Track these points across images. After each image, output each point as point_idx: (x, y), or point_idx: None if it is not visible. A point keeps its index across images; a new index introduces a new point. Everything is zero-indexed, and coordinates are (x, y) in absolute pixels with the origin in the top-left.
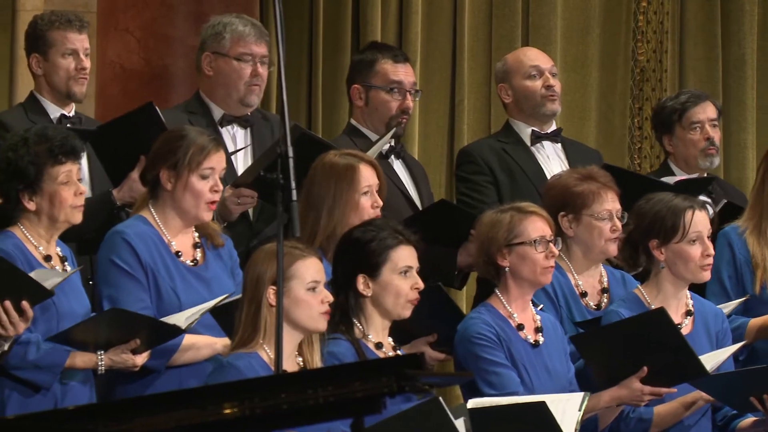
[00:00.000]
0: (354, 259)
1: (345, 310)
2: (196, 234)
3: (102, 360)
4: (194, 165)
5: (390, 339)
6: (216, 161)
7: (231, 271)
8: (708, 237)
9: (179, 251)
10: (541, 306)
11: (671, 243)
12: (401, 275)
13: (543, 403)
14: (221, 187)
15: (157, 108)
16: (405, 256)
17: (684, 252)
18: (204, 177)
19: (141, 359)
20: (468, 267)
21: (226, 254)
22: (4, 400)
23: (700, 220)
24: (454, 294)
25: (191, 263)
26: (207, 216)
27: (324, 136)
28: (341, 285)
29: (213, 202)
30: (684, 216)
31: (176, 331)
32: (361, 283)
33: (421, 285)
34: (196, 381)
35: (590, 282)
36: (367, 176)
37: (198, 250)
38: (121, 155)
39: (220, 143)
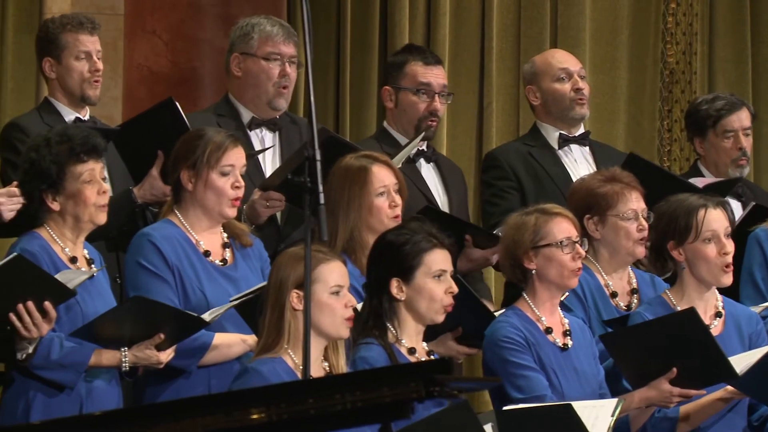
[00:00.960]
0: (387, 262)
1: (378, 314)
2: (225, 234)
3: (126, 356)
4: (213, 162)
5: (424, 344)
6: (235, 157)
7: (261, 271)
8: (727, 236)
9: (208, 250)
10: (566, 294)
11: (686, 243)
12: (435, 279)
13: (569, 405)
14: (243, 183)
15: (177, 103)
16: (439, 259)
17: (699, 251)
18: (224, 174)
19: (165, 356)
20: (467, 272)
21: (255, 254)
22: (28, 401)
23: (714, 219)
24: None
25: (220, 263)
26: (231, 213)
27: (351, 138)
28: (375, 289)
29: (237, 199)
30: (696, 215)
31: (200, 324)
32: (395, 286)
33: (455, 289)
34: (225, 382)
35: (619, 283)
36: (382, 177)
37: (227, 249)
38: (142, 153)
39: (237, 140)
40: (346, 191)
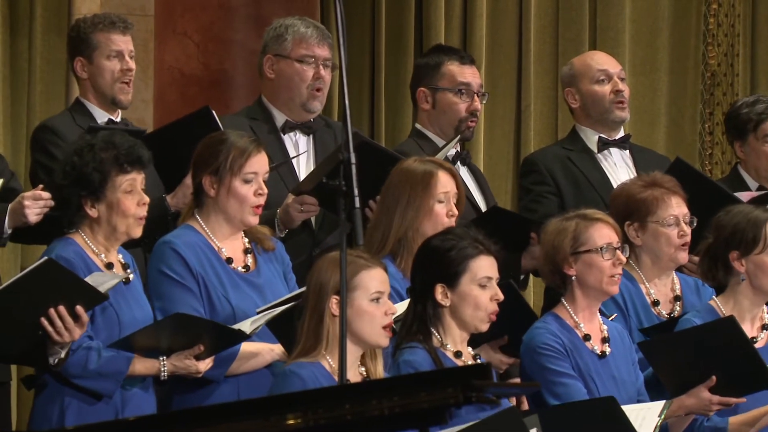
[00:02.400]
0: (433, 268)
1: (423, 320)
2: (246, 239)
3: (165, 366)
4: (236, 169)
5: (469, 348)
6: (258, 164)
7: (284, 276)
8: None
9: (230, 257)
10: (614, 315)
11: (752, 255)
12: (480, 286)
13: (612, 398)
14: (266, 190)
15: (213, 112)
16: (485, 266)
17: (765, 264)
18: (247, 181)
19: (204, 365)
20: (532, 270)
21: (278, 258)
22: (63, 408)
23: None
24: None
25: (243, 269)
26: (253, 221)
27: (387, 141)
28: (419, 294)
29: (258, 206)
30: (765, 227)
31: (240, 337)
32: (440, 292)
33: (500, 296)
34: (254, 391)
35: (662, 291)
36: (445, 183)
37: (249, 255)
38: (175, 161)
39: (261, 145)
40: (407, 191)
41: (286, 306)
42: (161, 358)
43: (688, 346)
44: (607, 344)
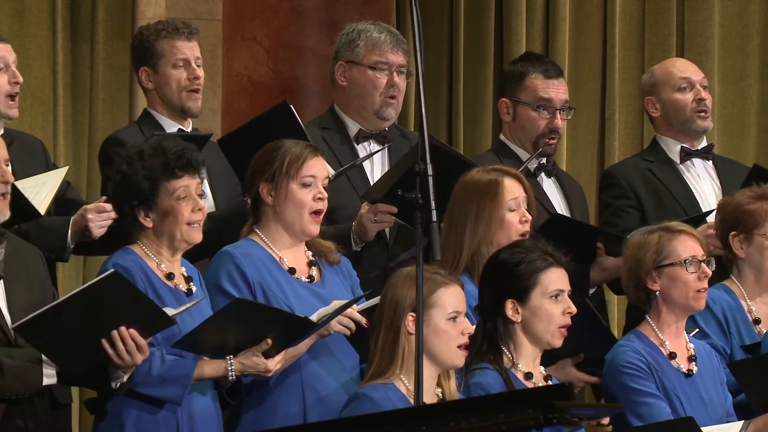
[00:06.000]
0: (502, 283)
1: (493, 338)
2: (309, 252)
3: (232, 365)
4: (293, 173)
5: (542, 368)
6: (316, 168)
7: (351, 290)
8: None
9: (293, 268)
10: (696, 330)
11: None
12: (552, 299)
13: (691, 419)
14: (326, 195)
15: (292, 107)
16: (555, 279)
17: None
18: (305, 185)
19: (274, 363)
20: (601, 282)
21: (344, 272)
22: (122, 423)
23: None
24: None
25: (306, 280)
26: (313, 229)
27: (466, 152)
28: (488, 311)
29: (318, 213)
30: None
31: (307, 325)
32: (510, 308)
33: (573, 309)
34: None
35: (763, 309)
36: (512, 189)
37: (313, 267)
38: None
39: (318, 150)
40: (474, 204)
41: (353, 302)
42: (228, 358)
43: None
44: (694, 363)
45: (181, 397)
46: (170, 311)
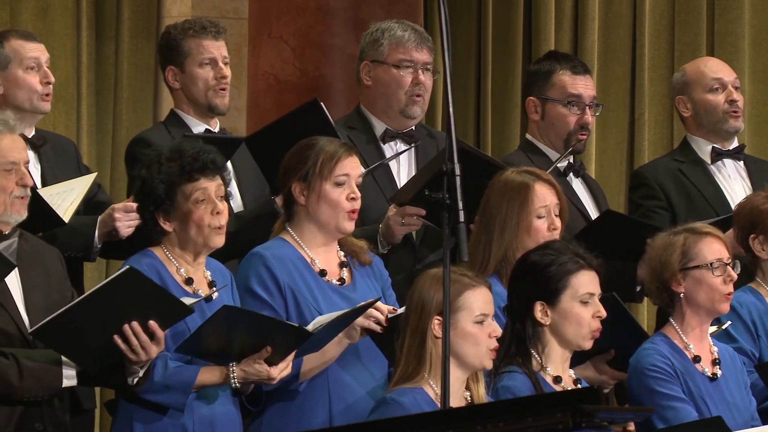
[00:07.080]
0: (531, 285)
1: (522, 340)
2: (341, 252)
3: (234, 372)
4: (326, 172)
5: (571, 371)
6: (350, 167)
7: (382, 291)
8: None
9: (324, 270)
10: (728, 323)
11: None
12: (582, 303)
13: (720, 418)
14: (359, 194)
15: (322, 104)
16: (586, 282)
17: None
18: (339, 184)
19: (278, 371)
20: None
21: (375, 273)
22: (132, 428)
23: None
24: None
25: (337, 282)
26: (349, 227)
27: (494, 152)
28: (517, 313)
29: (353, 211)
30: None
31: (303, 334)
32: (539, 310)
33: (603, 313)
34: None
35: None
36: (544, 196)
37: (344, 269)
38: (281, 159)
39: (352, 149)
40: (504, 207)
41: (358, 311)
42: (231, 365)
43: None
44: (718, 366)
45: (183, 404)
46: (188, 300)
